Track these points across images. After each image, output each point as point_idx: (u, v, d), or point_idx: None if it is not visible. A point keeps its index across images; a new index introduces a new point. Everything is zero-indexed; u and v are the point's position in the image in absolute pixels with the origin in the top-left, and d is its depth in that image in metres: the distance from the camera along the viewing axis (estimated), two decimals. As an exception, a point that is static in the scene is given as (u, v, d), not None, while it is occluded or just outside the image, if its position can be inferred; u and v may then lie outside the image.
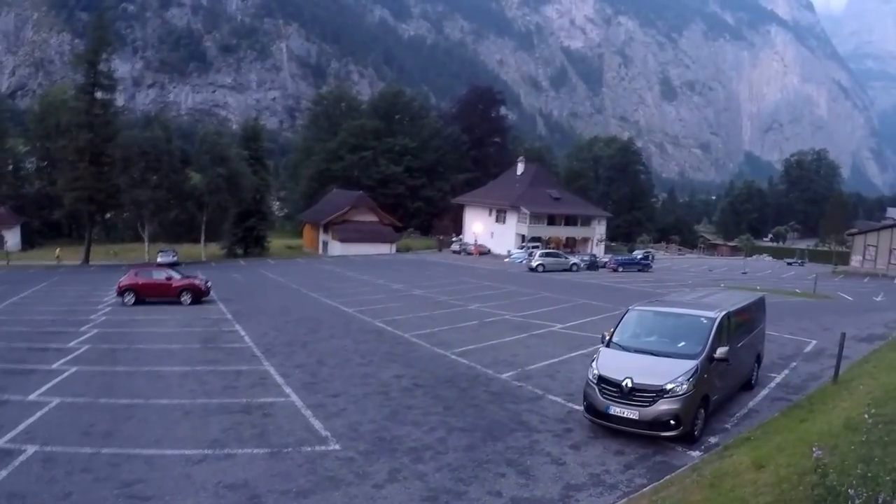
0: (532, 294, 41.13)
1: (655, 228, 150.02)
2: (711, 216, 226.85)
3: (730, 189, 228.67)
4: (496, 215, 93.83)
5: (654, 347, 14.50)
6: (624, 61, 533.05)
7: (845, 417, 12.27)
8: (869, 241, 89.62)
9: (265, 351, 22.56)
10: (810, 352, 24.06)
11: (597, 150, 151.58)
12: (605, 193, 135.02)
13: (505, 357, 21.61)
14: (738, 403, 16.39)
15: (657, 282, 56.87)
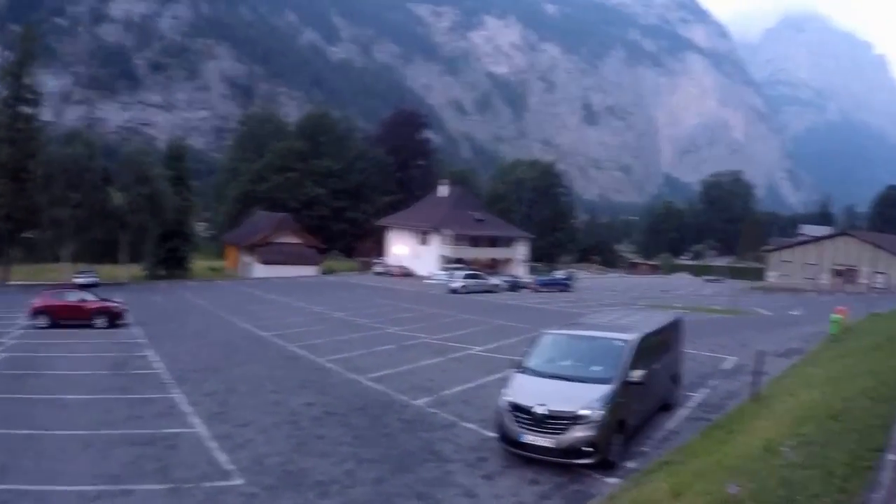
0: (452, 316, 40.46)
1: (577, 249, 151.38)
2: (632, 236, 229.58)
3: (650, 210, 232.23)
4: (419, 237, 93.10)
5: (569, 372, 13.95)
6: (547, 86, 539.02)
7: (765, 439, 11.96)
8: (784, 258, 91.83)
9: (176, 378, 21.45)
10: (729, 369, 24.02)
11: (519, 173, 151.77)
12: (527, 215, 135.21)
13: (420, 382, 20.93)
14: (657, 426, 16.05)
15: (578, 302, 56.76)
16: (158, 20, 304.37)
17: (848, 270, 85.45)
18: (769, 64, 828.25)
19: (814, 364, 22.52)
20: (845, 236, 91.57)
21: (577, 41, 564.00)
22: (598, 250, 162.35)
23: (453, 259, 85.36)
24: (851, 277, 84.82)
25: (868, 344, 22.54)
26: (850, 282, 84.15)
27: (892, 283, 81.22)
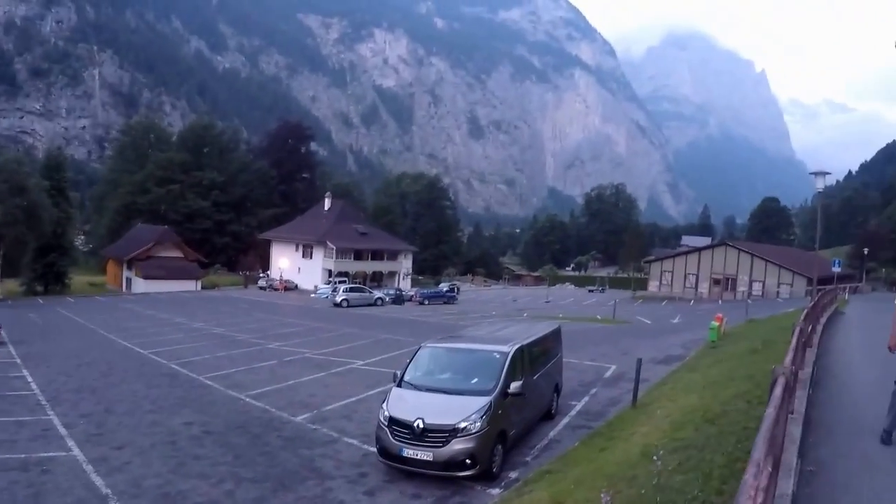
0: (335, 330, 39.96)
1: (462, 261, 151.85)
2: (516, 248, 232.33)
3: (533, 222, 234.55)
4: (303, 251, 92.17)
5: (447, 385, 13.95)
6: (434, 100, 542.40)
7: (643, 444, 12.06)
8: (665, 268, 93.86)
9: (51, 399, 20.41)
10: (610, 377, 24.27)
11: (404, 187, 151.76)
12: (412, 228, 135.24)
13: (301, 398, 20.50)
14: (539, 434, 16.07)
15: (461, 314, 56.96)
16: (40, 24, 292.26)
17: (727, 279, 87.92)
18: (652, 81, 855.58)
19: (693, 370, 22.93)
20: (724, 246, 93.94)
21: (465, 56, 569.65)
22: (482, 262, 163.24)
23: (337, 272, 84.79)
24: (730, 286, 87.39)
25: (745, 349, 23.07)
26: (729, 290, 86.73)
27: (770, 290, 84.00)
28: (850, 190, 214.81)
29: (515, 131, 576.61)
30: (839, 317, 34.09)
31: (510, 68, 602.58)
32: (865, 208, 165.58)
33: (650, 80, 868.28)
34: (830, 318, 29.27)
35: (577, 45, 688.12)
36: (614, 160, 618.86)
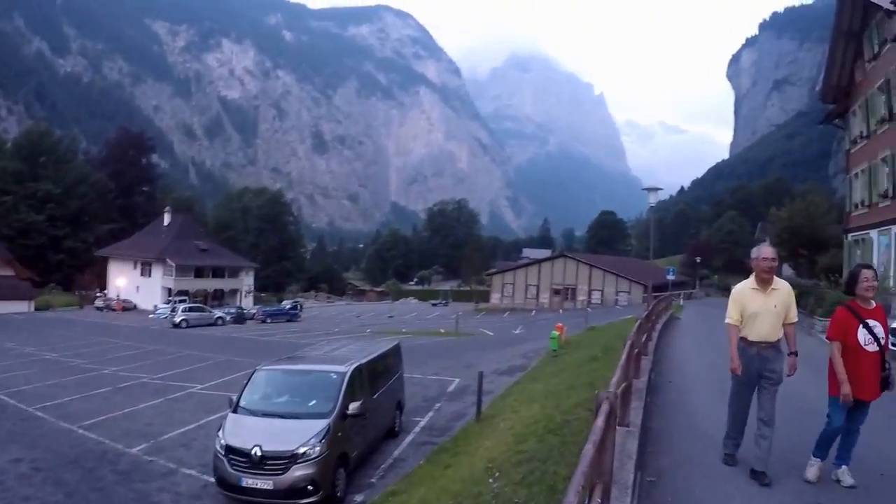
0: (173, 353, 38.15)
1: (305, 278, 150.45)
2: (360, 264, 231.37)
3: (376, 237, 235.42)
4: (141, 268, 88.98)
5: (285, 409, 13.40)
6: (279, 114, 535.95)
7: (488, 459, 11.72)
8: (507, 280, 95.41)
9: None
10: (454, 391, 24.09)
11: (246, 201, 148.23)
12: (254, 244, 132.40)
13: (138, 427, 19.19)
14: (384, 453, 15.68)
15: (304, 332, 55.81)
16: None
17: (567, 289, 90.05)
18: (495, 100, 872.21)
19: (535, 380, 22.90)
20: (563, 258, 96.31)
21: (312, 70, 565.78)
22: (326, 278, 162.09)
23: (177, 291, 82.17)
24: (570, 295, 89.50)
25: (585, 356, 23.20)
26: (570, 299, 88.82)
27: (609, 298, 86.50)
28: (682, 204, 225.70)
29: (360, 147, 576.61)
30: (675, 322, 34.99)
31: (356, 84, 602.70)
32: (697, 220, 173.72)
33: (494, 99, 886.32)
34: (666, 323, 29.89)
35: (423, 64, 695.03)
36: (456, 176, 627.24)
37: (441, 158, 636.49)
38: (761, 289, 7.58)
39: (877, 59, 33.24)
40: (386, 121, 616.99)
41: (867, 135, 35.20)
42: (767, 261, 7.54)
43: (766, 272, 7.52)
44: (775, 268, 7.70)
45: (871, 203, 34.27)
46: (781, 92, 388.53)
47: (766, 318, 7.54)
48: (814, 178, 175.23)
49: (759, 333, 7.58)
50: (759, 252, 7.65)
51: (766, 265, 7.55)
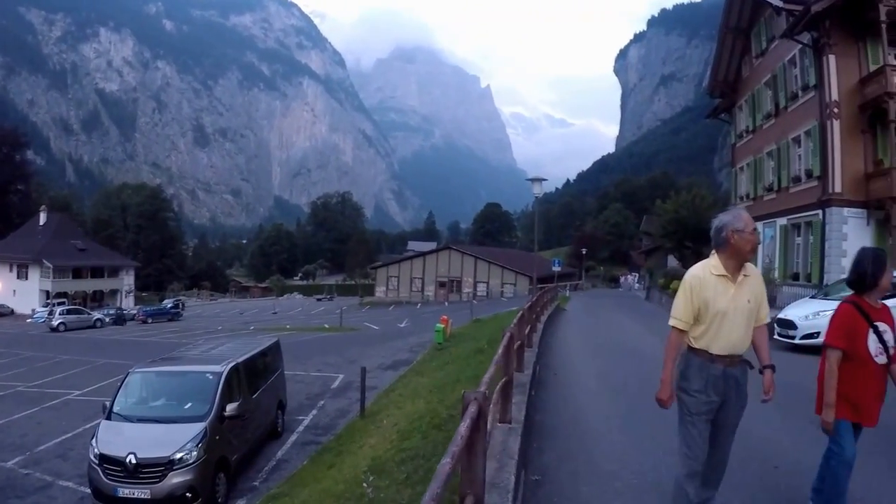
0: (50, 358, 36.48)
1: (187, 276, 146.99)
2: (243, 260, 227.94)
3: (260, 232, 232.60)
4: (17, 271, 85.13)
5: (160, 413, 12.91)
6: (159, 106, 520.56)
7: (372, 458, 11.59)
8: (391, 273, 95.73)
9: None
10: (338, 387, 23.91)
11: (125, 198, 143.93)
12: (134, 242, 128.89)
13: (12, 439, 18.36)
14: (266, 455, 15.42)
15: (185, 331, 54.63)
16: None
17: (452, 281, 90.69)
18: (380, 92, 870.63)
19: (420, 374, 22.89)
20: (448, 250, 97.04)
21: (193, 61, 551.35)
22: (208, 276, 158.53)
23: (55, 293, 79.45)
24: (456, 287, 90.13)
25: (471, 349, 23.24)
26: (455, 292, 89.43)
27: (494, 290, 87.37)
28: (568, 196, 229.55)
29: (242, 140, 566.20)
30: (561, 313, 35.38)
31: (238, 75, 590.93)
32: (583, 213, 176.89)
33: (378, 90, 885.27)
34: (552, 315, 30.12)
35: (307, 54, 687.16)
36: (341, 169, 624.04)
37: (325, 151, 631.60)
38: (730, 276, 5.14)
39: (764, 56, 34.47)
40: (268, 113, 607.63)
41: (753, 129, 36.50)
42: (755, 234, 5.28)
43: (752, 251, 5.19)
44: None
45: (757, 196, 35.59)
46: (668, 87, 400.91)
47: (738, 318, 5.13)
48: (699, 172, 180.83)
49: (728, 343, 5.15)
50: (741, 219, 5.19)
51: (755, 240, 5.24)
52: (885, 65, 24.93)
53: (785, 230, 30.95)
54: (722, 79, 40.32)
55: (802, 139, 29.39)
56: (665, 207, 60.18)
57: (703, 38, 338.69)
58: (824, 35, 26.23)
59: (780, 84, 31.85)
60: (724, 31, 38.38)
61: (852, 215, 25.86)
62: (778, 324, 19.38)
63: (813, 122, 27.80)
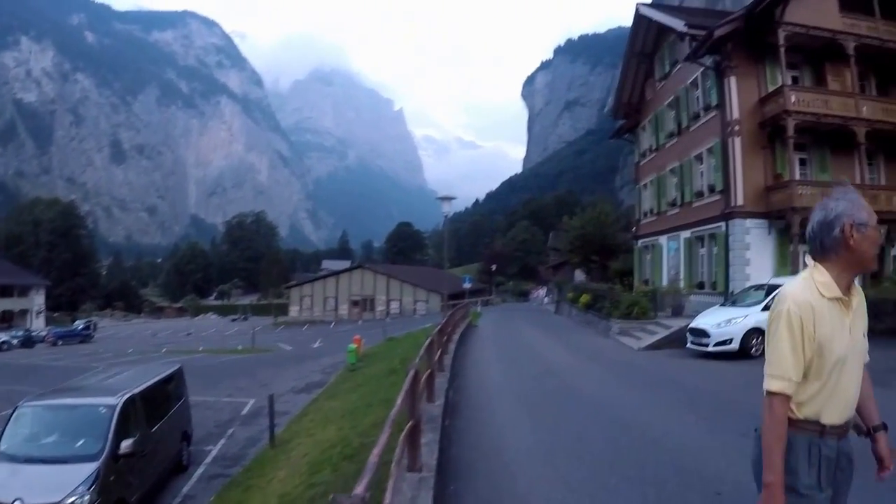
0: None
1: (101, 295, 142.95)
2: (158, 279, 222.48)
3: (175, 251, 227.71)
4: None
5: (50, 452, 11.39)
6: (76, 120, 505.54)
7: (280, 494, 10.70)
8: (305, 292, 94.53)
9: None
10: (248, 413, 22.80)
11: (38, 213, 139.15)
12: (46, 260, 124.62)
13: None
14: (172, 491, 14.25)
15: (95, 354, 51.87)
16: None
17: (365, 300, 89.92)
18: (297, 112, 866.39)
19: (332, 397, 22.01)
20: (361, 269, 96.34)
21: (113, 75, 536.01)
22: (122, 295, 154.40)
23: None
24: (369, 306, 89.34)
25: (384, 369, 22.54)
26: (369, 310, 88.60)
27: (407, 308, 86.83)
28: (478, 215, 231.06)
29: (159, 157, 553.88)
30: (473, 330, 34.76)
31: (157, 91, 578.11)
32: (492, 231, 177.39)
33: (295, 111, 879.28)
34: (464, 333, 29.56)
35: (226, 73, 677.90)
36: (257, 188, 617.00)
37: (241, 170, 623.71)
38: (846, 299, 3.28)
39: (667, 79, 35.27)
40: (186, 131, 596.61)
41: (656, 148, 37.21)
42: (878, 230, 3.90)
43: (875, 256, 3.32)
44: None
45: (661, 211, 36.20)
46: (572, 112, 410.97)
47: (856, 364, 3.34)
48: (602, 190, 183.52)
49: (845, 404, 3.34)
50: (861, 207, 3.26)
51: (879, 238, 3.42)
52: (783, 85, 26.05)
53: (689, 242, 31.52)
54: (626, 101, 41.15)
55: (705, 156, 30.14)
56: (571, 224, 60.47)
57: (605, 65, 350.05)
58: (726, 58, 27.21)
59: (683, 105, 32.58)
60: (629, 55, 39.16)
61: (754, 226, 26.64)
62: (690, 332, 19.76)
63: (715, 139, 28.58)
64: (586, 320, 34.34)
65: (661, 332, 24.14)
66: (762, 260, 26.24)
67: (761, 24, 26.41)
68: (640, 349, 22.76)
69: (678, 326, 23.04)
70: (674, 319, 26.25)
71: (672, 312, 28.05)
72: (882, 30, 27.34)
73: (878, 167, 28.84)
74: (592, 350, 23.81)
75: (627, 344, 24.26)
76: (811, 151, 27.65)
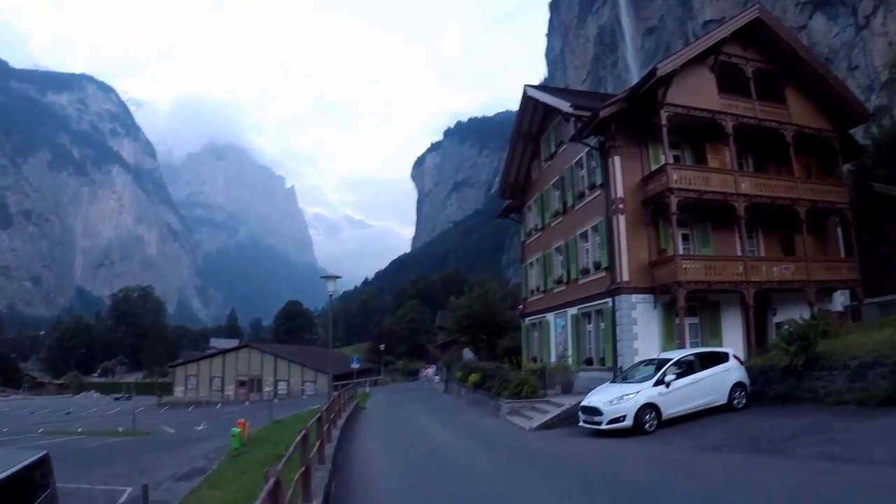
0: None
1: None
2: (40, 353, 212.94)
3: (58, 324, 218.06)
4: None
5: None
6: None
7: None
8: (190, 371, 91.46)
9: None
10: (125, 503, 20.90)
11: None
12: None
13: None
14: None
15: (-36, 434, 48.59)
16: None
17: (252, 380, 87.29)
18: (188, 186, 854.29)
19: (214, 485, 20.47)
20: (248, 348, 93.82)
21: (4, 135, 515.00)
22: (1, 369, 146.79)
23: None
24: (256, 386, 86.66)
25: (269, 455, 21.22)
26: (256, 391, 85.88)
27: (295, 388, 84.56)
28: (367, 294, 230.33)
29: (46, 224, 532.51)
30: (361, 412, 33.75)
31: (49, 156, 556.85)
32: (381, 310, 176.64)
33: (187, 184, 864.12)
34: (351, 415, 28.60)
35: (119, 142, 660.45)
36: (145, 261, 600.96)
37: (130, 242, 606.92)
38: None
39: (553, 159, 35.78)
40: (76, 198, 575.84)
41: (542, 227, 37.52)
42: None
43: None
44: None
45: (547, 289, 36.29)
46: (460, 192, 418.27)
47: None
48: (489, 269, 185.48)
49: None
50: None
51: None
52: (665, 164, 26.71)
53: (576, 319, 31.47)
54: (513, 181, 41.71)
55: (590, 234, 30.49)
56: (458, 303, 60.14)
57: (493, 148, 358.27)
58: (610, 138, 27.75)
59: (568, 184, 33.02)
60: (515, 136, 39.69)
61: (640, 301, 26.82)
62: (583, 411, 19.48)
63: (600, 217, 28.98)
64: (476, 400, 33.91)
65: (552, 410, 23.77)
66: (649, 334, 26.30)
67: (644, 105, 27.10)
68: (531, 429, 22.26)
69: (569, 404, 22.78)
70: (564, 397, 26.00)
71: (562, 390, 27.81)
72: (758, 110, 28.76)
73: (756, 239, 29.95)
74: (483, 432, 23.27)
75: (519, 424, 23.77)
76: (693, 227, 28.40)
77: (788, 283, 27.71)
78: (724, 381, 19.30)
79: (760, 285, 26.85)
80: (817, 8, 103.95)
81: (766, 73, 29.76)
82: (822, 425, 14.80)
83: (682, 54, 27.56)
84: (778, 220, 29.38)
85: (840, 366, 17.22)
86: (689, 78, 27.51)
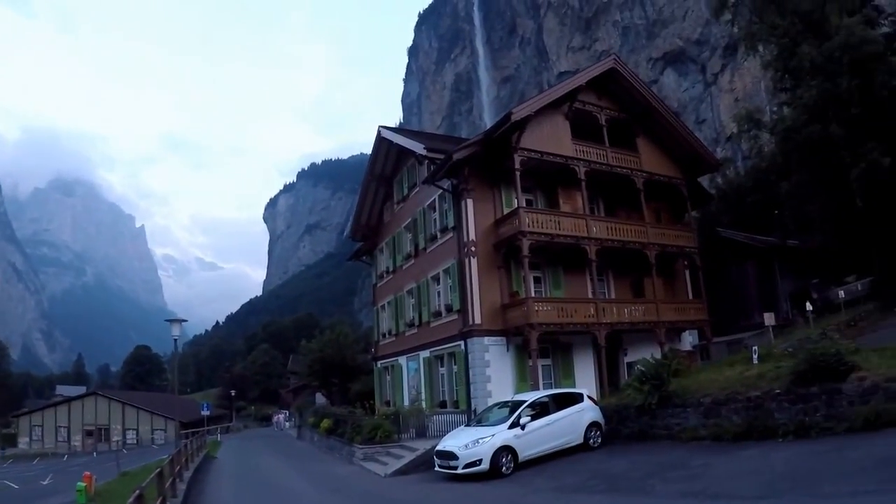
0: None
1: None
2: None
3: None
4: None
5: None
6: None
7: None
8: (35, 421, 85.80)
9: None
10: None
11: None
12: None
13: None
14: None
15: None
16: None
17: (100, 429, 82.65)
18: (34, 223, 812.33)
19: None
20: (96, 395, 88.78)
21: None
22: None
23: None
24: (104, 436, 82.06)
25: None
26: (104, 441, 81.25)
27: (144, 437, 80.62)
28: (217, 338, 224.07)
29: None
30: (211, 463, 31.90)
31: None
32: (232, 354, 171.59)
33: (32, 221, 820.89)
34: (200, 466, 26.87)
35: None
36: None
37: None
38: None
39: (406, 201, 35.34)
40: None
41: (394, 269, 36.99)
42: None
43: None
44: None
45: (399, 332, 35.66)
46: (313, 235, 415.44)
47: None
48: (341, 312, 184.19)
49: None
50: None
51: None
52: (518, 207, 26.61)
53: (429, 362, 30.90)
54: (365, 223, 41.06)
55: (442, 277, 30.14)
56: (310, 346, 59.19)
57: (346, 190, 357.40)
58: (464, 181, 27.43)
59: (421, 227, 32.56)
60: (368, 178, 39.07)
61: (493, 343, 26.48)
62: (438, 456, 18.90)
63: (451, 260, 28.64)
64: (329, 446, 32.84)
65: (407, 455, 22.97)
66: (503, 376, 26.01)
67: (499, 149, 27.09)
68: (387, 475, 21.40)
69: (424, 449, 22.11)
70: (419, 441, 25.22)
71: (416, 434, 27.02)
72: (610, 156, 29.45)
73: (607, 282, 30.54)
74: (337, 480, 22.22)
75: (374, 470, 22.86)
76: (545, 269, 28.55)
77: (639, 324, 28.25)
78: (580, 421, 19.15)
79: (612, 326, 27.19)
80: (669, 64, 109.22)
81: (619, 122, 30.56)
82: (680, 462, 14.66)
83: (537, 100, 27.80)
84: (629, 263, 30.01)
85: (694, 403, 17.37)
86: (544, 124, 27.75)
